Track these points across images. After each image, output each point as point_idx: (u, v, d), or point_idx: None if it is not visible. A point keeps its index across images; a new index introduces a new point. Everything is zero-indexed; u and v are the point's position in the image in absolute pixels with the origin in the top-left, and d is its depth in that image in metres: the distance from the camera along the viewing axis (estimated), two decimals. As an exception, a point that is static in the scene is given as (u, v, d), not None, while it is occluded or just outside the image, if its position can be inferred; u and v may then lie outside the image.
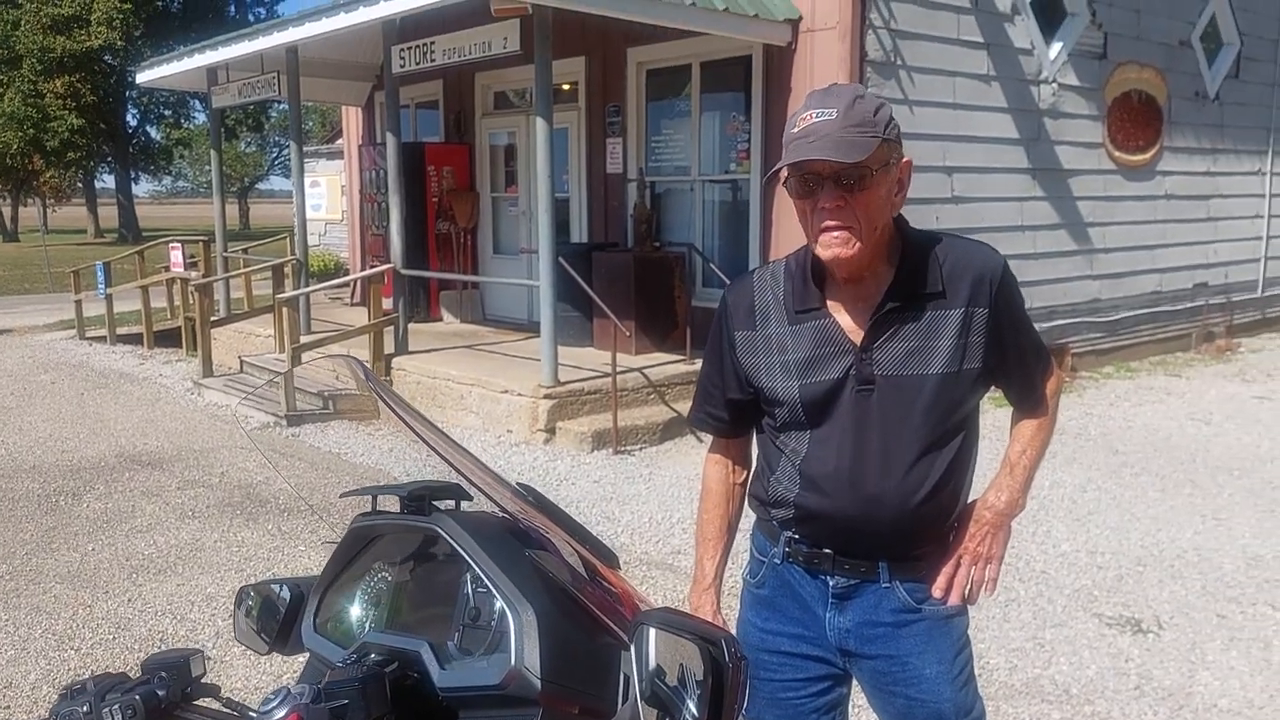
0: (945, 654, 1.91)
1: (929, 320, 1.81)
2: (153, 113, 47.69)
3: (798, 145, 1.72)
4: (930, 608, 1.90)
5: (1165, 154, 10.85)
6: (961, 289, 1.82)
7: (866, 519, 1.84)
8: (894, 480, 1.82)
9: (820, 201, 1.74)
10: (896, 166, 1.79)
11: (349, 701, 1.10)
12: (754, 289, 1.96)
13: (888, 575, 1.88)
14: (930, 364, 1.81)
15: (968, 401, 1.86)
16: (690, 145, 9.53)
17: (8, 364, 11.92)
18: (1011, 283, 1.88)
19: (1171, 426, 7.94)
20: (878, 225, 1.77)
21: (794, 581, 1.95)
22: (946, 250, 1.86)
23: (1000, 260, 1.87)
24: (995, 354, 1.86)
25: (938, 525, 1.90)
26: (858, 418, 1.83)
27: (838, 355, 1.84)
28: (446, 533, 1.28)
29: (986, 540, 1.93)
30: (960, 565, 1.92)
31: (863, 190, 1.72)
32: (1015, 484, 1.95)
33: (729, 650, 1.11)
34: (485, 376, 8.29)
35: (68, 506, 6.31)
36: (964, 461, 1.89)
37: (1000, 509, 1.94)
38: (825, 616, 1.92)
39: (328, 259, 18.91)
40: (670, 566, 5.07)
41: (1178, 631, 4.30)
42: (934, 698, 1.90)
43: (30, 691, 3.92)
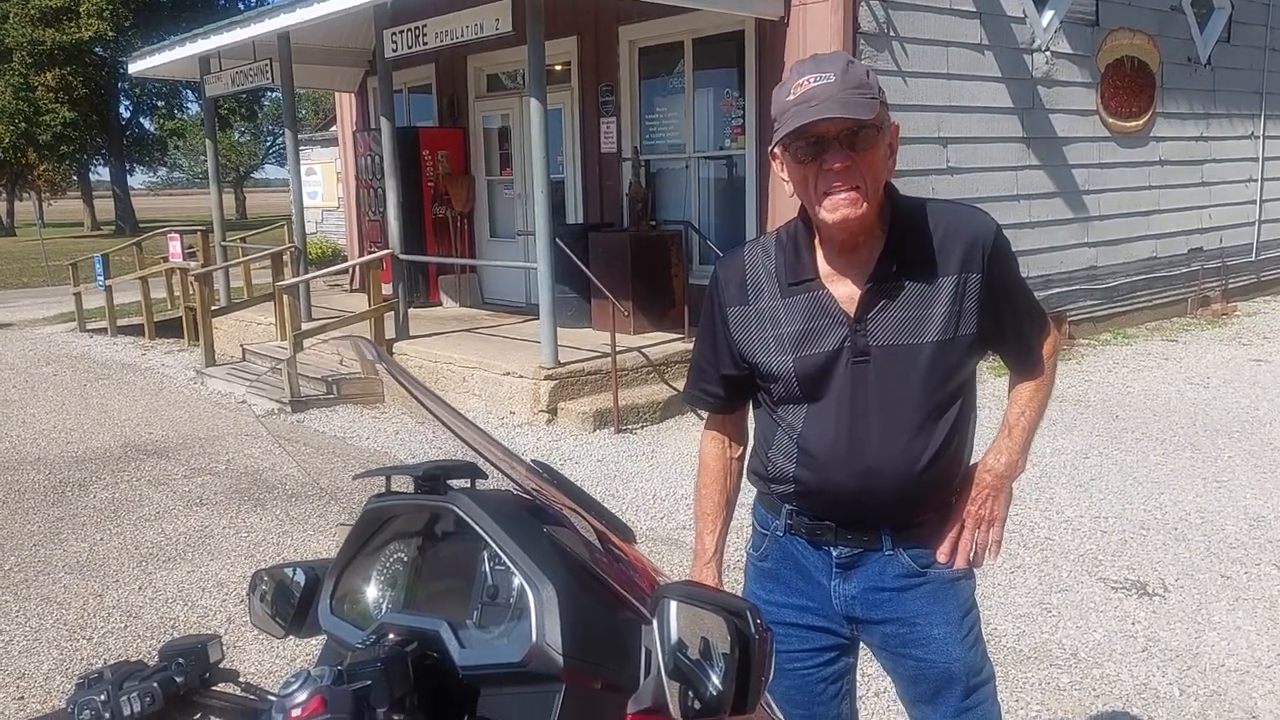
0: (952, 615, 1.92)
1: (922, 288, 1.81)
2: (145, 104, 47.43)
3: (800, 110, 1.70)
4: (935, 571, 1.91)
5: (1158, 120, 10.82)
6: (954, 255, 1.81)
7: (867, 491, 1.84)
8: (893, 451, 1.82)
9: (827, 163, 1.73)
10: (889, 130, 1.79)
11: (371, 682, 1.10)
12: (745, 263, 1.95)
13: (891, 543, 1.89)
14: (925, 332, 1.80)
15: (964, 368, 1.86)
16: (684, 123, 9.50)
17: (9, 357, 11.92)
18: (1005, 246, 1.87)
19: (1170, 391, 7.96)
20: (879, 186, 1.78)
21: (797, 553, 1.96)
22: (938, 217, 1.84)
23: (993, 225, 1.86)
24: (990, 319, 1.85)
25: (939, 493, 1.90)
26: (854, 390, 1.83)
27: (832, 327, 1.83)
28: (463, 511, 1.28)
29: (988, 503, 1.93)
30: (964, 529, 1.92)
31: (867, 150, 1.72)
32: (1014, 445, 1.96)
33: (754, 621, 1.12)
34: (486, 359, 8.30)
35: (75, 497, 6.33)
36: (963, 428, 1.89)
37: (1000, 471, 1.94)
38: (830, 585, 1.93)
39: (325, 246, 18.91)
40: (676, 542, 5.10)
41: (1183, 593, 4.34)
42: (943, 658, 1.91)
43: (44, 681, 3.95)
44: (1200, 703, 3.47)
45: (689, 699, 1.14)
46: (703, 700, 1.13)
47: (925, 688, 1.95)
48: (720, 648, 1.12)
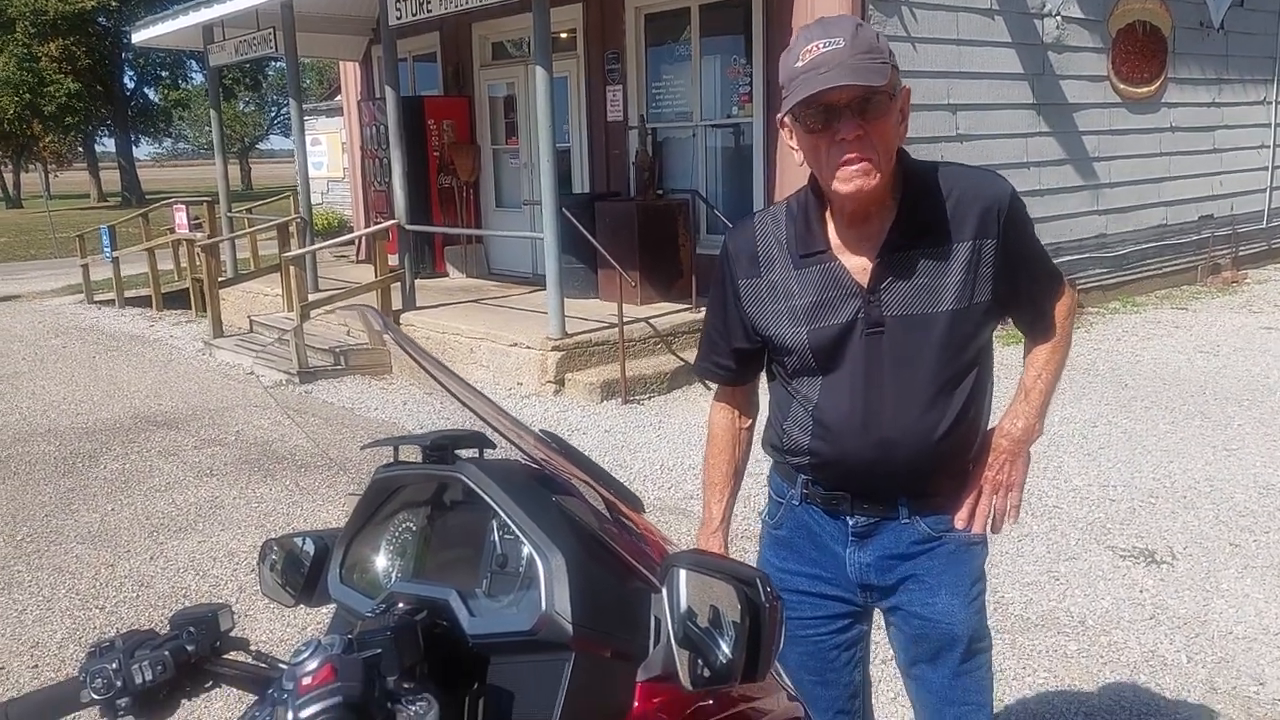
0: (962, 579, 1.92)
1: (936, 256, 1.77)
2: (149, 74, 47.32)
3: (809, 77, 1.65)
4: (950, 535, 1.91)
5: (1170, 86, 10.70)
6: (968, 221, 1.77)
7: (882, 462, 1.82)
8: (909, 421, 1.80)
9: (840, 133, 1.67)
10: (900, 96, 1.74)
11: (382, 651, 1.10)
12: (756, 234, 1.92)
13: (908, 512, 1.88)
14: (939, 301, 1.77)
15: (980, 335, 1.83)
16: (691, 90, 9.43)
17: (18, 329, 11.95)
18: (1020, 210, 1.83)
19: (1180, 359, 7.93)
20: (892, 154, 1.73)
21: (812, 522, 1.95)
22: (951, 182, 1.80)
23: (1007, 188, 1.82)
24: (1006, 284, 1.82)
25: (956, 461, 1.88)
26: (869, 361, 1.81)
27: (845, 298, 1.80)
28: (471, 480, 1.28)
29: (1006, 468, 1.91)
30: (981, 495, 1.91)
31: (878, 117, 1.68)
32: (1031, 409, 1.93)
33: (764, 589, 1.12)
34: (494, 330, 8.29)
35: (85, 468, 6.36)
36: (980, 395, 1.87)
37: (1017, 436, 1.92)
38: (845, 554, 1.92)
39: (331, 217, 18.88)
40: (684, 511, 5.11)
41: (1191, 561, 4.34)
42: (947, 619, 1.92)
43: (57, 650, 3.99)
44: (1208, 670, 3.48)
45: (699, 667, 1.14)
46: (712, 669, 1.13)
47: (927, 647, 1.95)
48: (730, 616, 1.12)
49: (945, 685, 1.96)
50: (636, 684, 1.23)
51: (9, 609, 4.37)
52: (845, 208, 1.79)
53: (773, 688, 1.48)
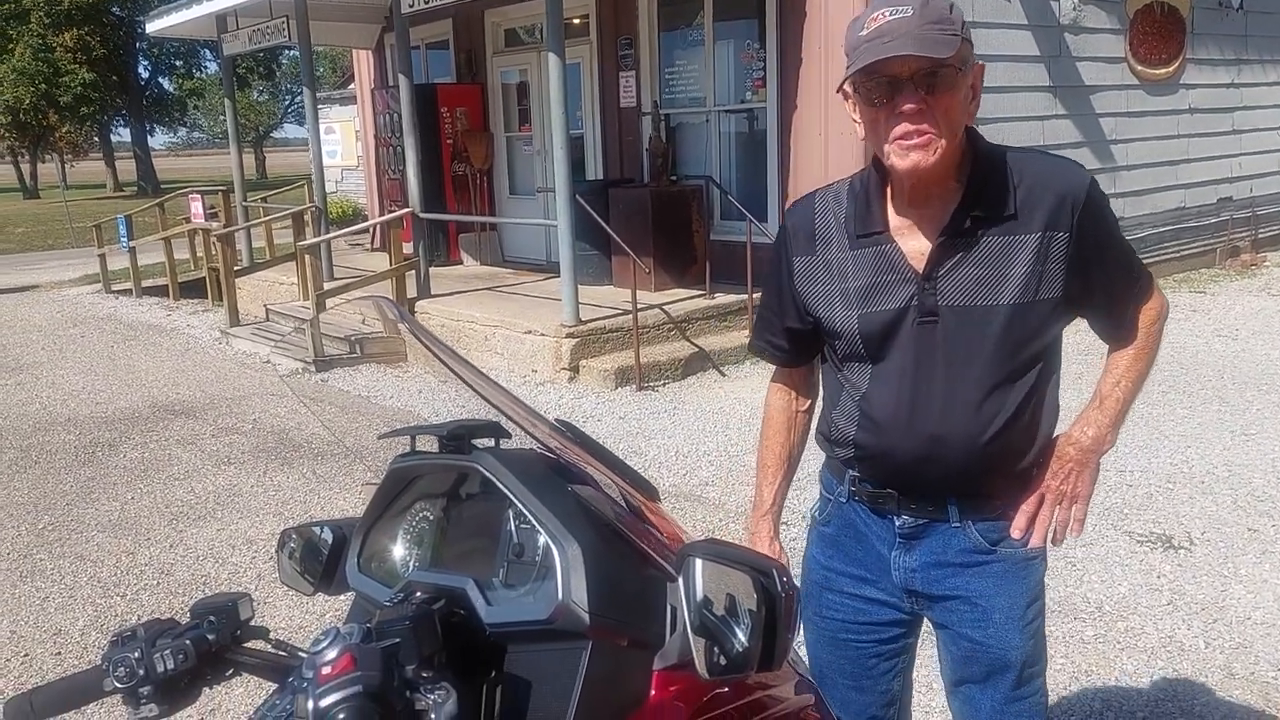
0: (1017, 599, 1.80)
1: (1001, 246, 1.66)
2: (164, 64, 47.42)
3: (871, 46, 1.57)
4: (1006, 549, 1.79)
5: (1188, 66, 10.60)
6: (1038, 211, 1.66)
7: (929, 459, 1.73)
8: (959, 418, 1.70)
9: (899, 105, 1.59)
10: (972, 71, 1.64)
11: (400, 640, 1.11)
12: (815, 211, 1.84)
13: (958, 515, 1.78)
14: (1001, 294, 1.66)
15: (1044, 333, 1.72)
16: (705, 76, 9.40)
17: (37, 319, 12.04)
18: (1098, 203, 1.70)
19: (1198, 343, 7.88)
20: (957, 132, 1.64)
21: (858, 521, 1.88)
22: (1023, 167, 1.69)
23: (1085, 178, 1.69)
24: (1078, 282, 1.70)
25: (1011, 464, 1.76)
26: (920, 352, 1.72)
27: (899, 284, 1.71)
28: (488, 470, 1.28)
29: (1071, 478, 1.79)
30: (1043, 505, 1.79)
31: (945, 92, 1.59)
32: (1104, 419, 1.80)
33: (780, 579, 1.11)
34: (508, 318, 8.31)
35: (105, 457, 6.41)
36: (1041, 395, 1.75)
37: (1085, 445, 1.79)
38: (891, 556, 1.83)
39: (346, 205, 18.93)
40: (699, 498, 5.11)
41: (1209, 547, 4.32)
42: (1000, 643, 1.80)
43: (79, 638, 4.03)
44: (1226, 655, 3.47)
45: (715, 656, 1.15)
46: (729, 657, 1.14)
47: (977, 670, 1.84)
48: (746, 605, 1.12)
49: (995, 711, 1.85)
50: (653, 672, 1.24)
51: (32, 597, 4.42)
52: (905, 185, 1.70)
53: (787, 675, 1.48)
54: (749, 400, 6.89)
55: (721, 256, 8.76)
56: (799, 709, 1.48)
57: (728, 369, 7.85)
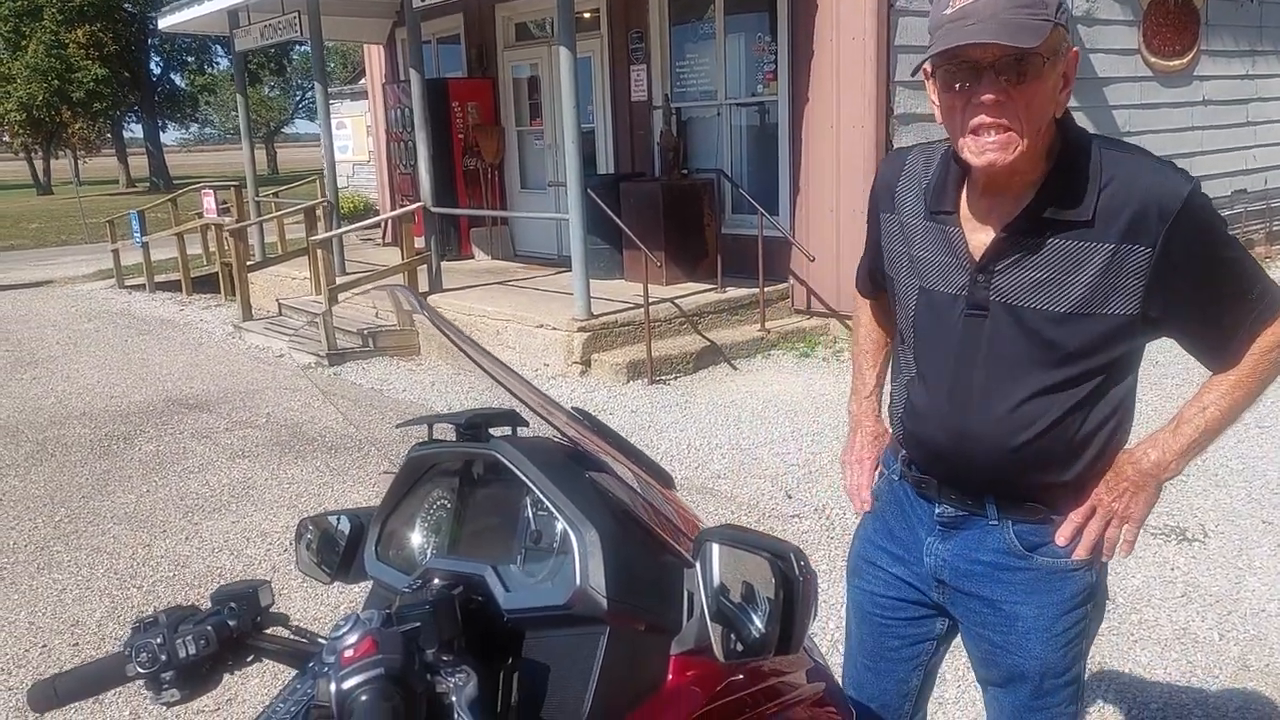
0: (1047, 610, 1.73)
1: (1069, 250, 1.54)
2: (176, 59, 47.60)
3: (951, 29, 1.47)
4: (1043, 558, 1.71)
5: (1202, 58, 10.55)
6: (1117, 219, 1.52)
7: (960, 455, 1.69)
8: (992, 420, 1.64)
9: (978, 94, 1.48)
10: (1065, 58, 1.52)
11: (420, 624, 1.12)
12: (902, 171, 1.78)
13: (996, 513, 1.72)
14: (1060, 300, 1.56)
15: (1110, 349, 1.59)
16: (716, 69, 9.38)
17: (51, 314, 12.11)
18: (1197, 219, 1.52)
19: (1213, 337, 7.83)
20: (1040, 126, 1.52)
21: (905, 501, 1.85)
22: (1114, 168, 1.55)
23: (1182, 190, 1.51)
24: (1160, 301, 1.55)
25: (1050, 473, 1.66)
26: (965, 343, 1.65)
27: (956, 269, 1.64)
28: (505, 458, 1.29)
29: (1124, 497, 1.67)
30: (1094, 518, 1.69)
31: (1030, 83, 1.47)
32: (1174, 444, 1.67)
33: (798, 564, 1.12)
34: (520, 312, 8.32)
35: (120, 450, 6.45)
36: (1096, 408, 1.64)
37: (1145, 468, 1.67)
38: (926, 541, 1.80)
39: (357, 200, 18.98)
40: (711, 491, 5.12)
41: (1223, 539, 4.31)
42: (1019, 650, 1.75)
43: (96, 629, 4.06)
44: (1240, 647, 3.46)
45: (731, 641, 1.15)
46: (745, 643, 1.14)
47: (997, 673, 1.82)
48: (763, 590, 1.13)
49: (1017, 713, 1.82)
50: (670, 657, 1.25)
51: (49, 588, 4.45)
52: (979, 177, 1.62)
53: (803, 662, 1.49)
54: (761, 394, 6.89)
55: (733, 250, 8.75)
56: (813, 695, 1.49)
57: (739, 362, 7.85)
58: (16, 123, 40.60)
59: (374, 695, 0.98)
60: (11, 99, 38.77)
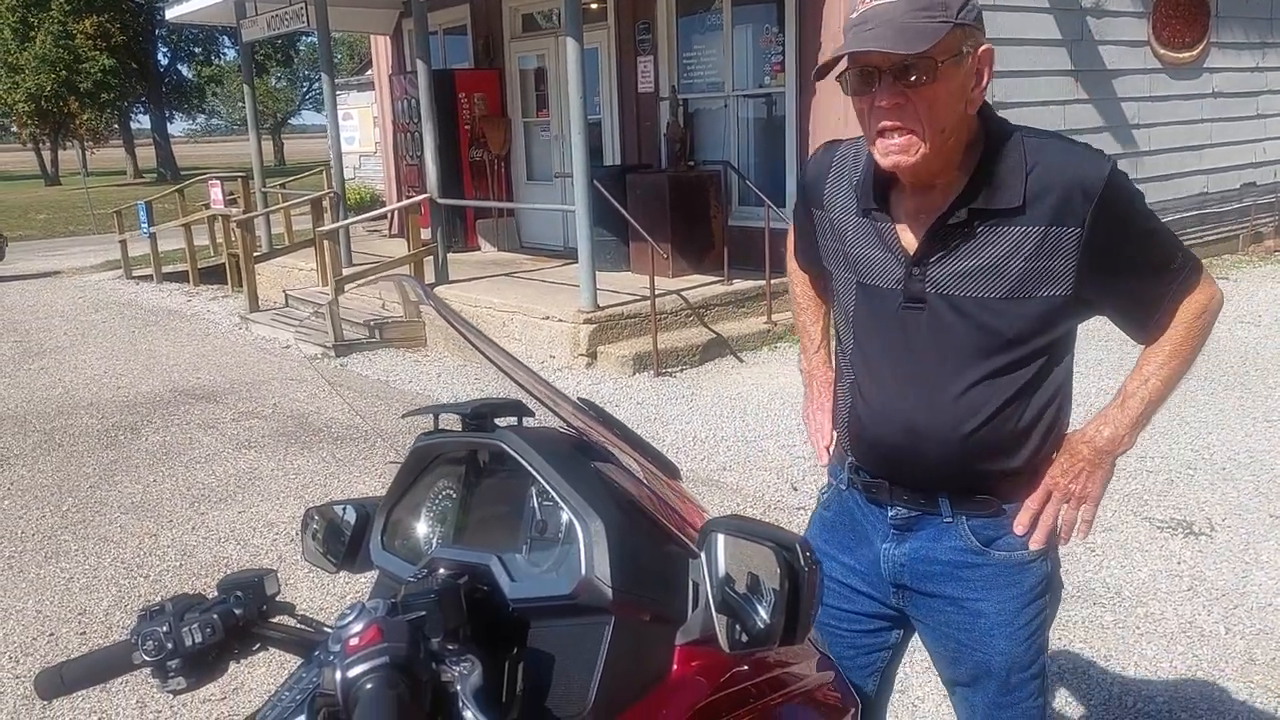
0: (1008, 604, 1.73)
1: (1000, 238, 1.58)
2: (183, 50, 47.64)
3: (853, 33, 1.50)
4: (1000, 552, 1.72)
5: (1212, 50, 10.49)
6: (1045, 203, 1.56)
7: (911, 450, 1.69)
8: (936, 412, 1.65)
9: (879, 99, 1.52)
10: (972, 55, 1.54)
11: (426, 613, 1.12)
12: (831, 166, 1.80)
13: (950, 509, 1.71)
14: (995, 287, 1.59)
15: (1046, 332, 1.63)
16: (723, 60, 9.36)
17: (59, 304, 12.14)
18: (1120, 194, 1.57)
19: (1220, 330, 7.69)
20: (945, 126, 1.54)
21: (855, 509, 1.84)
22: (1037, 155, 1.58)
23: (1103, 168, 1.56)
24: (1092, 280, 1.60)
25: (998, 461, 1.68)
26: (905, 338, 1.67)
27: (891, 264, 1.66)
28: (511, 448, 1.29)
29: (1081, 478, 1.70)
30: (1049, 502, 1.70)
31: (927, 86, 1.49)
32: (1124, 418, 1.71)
33: (804, 554, 1.12)
34: (526, 303, 8.32)
35: (127, 440, 6.47)
36: (1039, 393, 1.67)
37: (1100, 445, 1.70)
38: (882, 549, 1.79)
39: (364, 191, 18.95)
40: (717, 483, 5.12)
41: (1230, 533, 4.30)
42: (983, 647, 1.75)
43: (104, 618, 4.07)
44: (1246, 641, 3.46)
45: (736, 632, 1.15)
46: (750, 633, 1.14)
47: (964, 671, 1.81)
48: (768, 581, 1.13)
49: (988, 710, 1.82)
50: (675, 648, 1.25)
51: (57, 577, 4.47)
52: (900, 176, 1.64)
53: (809, 653, 1.49)
54: (767, 386, 6.88)
55: (740, 242, 8.74)
56: (819, 685, 1.49)
57: (745, 355, 7.84)
58: (25, 113, 40.69)
59: (379, 684, 0.98)
60: (19, 89, 38.83)
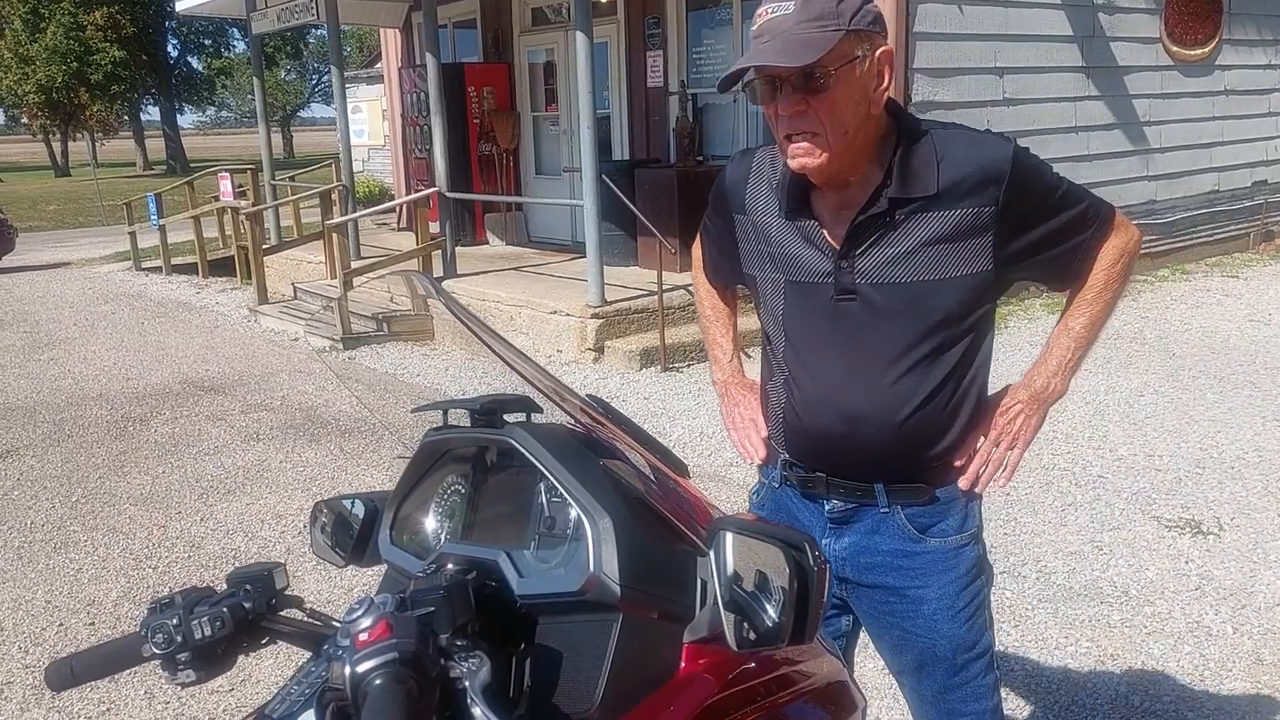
0: (948, 587, 1.79)
1: (920, 224, 1.64)
2: (193, 43, 47.78)
3: (752, 46, 1.58)
4: (935, 539, 1.78)
5: (1225, 47, 10.44)
6: (959, 188, 1.63)
7: (849, 437, 1.73)
8: (876, 397, 1.70)
9: (781, 107, 1.59)
10: (869, 59, 1.58)
11: (435, 609, 1.12)
12: (751, 172, 1.83)
13: (886, 499, 1.76)
14: (920, 271, 1.65)
15: (973, 310, 1.70)
16: (732, 55, 9.32)
17: (69, 295, 12.17)
18: (1026, 172, 1.65)
19: (1229, 328, 7.79)
20: (848, 129, 1.59)
21: (791, 507, 1.87)
22: (946, 145, 1.65)
23: (1006, 151, 1.64)
24: (1010, 253, 1.68)
25: (931, 444, 1.74)
26: (839, 329, 1.71)
27: (819, 259, 1.71)
28: (520, 444, 1.29)
29: (1018, 419, 1.77)
30: (984, 443, 1.78)
31: (824, 93, 1.55)
32: (1048, 367, 1.79)
33: (812, 553, 1.12)
34: (533, 298, 8.32)
35: (136, 432, 6.49)
36: (966, 371, 1.73)
37: (1035, 390, 1.79)
38: (821, 543, 1.79)
39: (372, 185, 18.96)
40: (723, 479, 5.12)
41: (1239, 532, 4.28)
42: (928, 633, 1.80)
43: (112, 608, 4.09)
44: (1254, 641, 3.45)
45: (744, 630, 1.15)
46: (758, 632, 1.14)
47: (909, 659, 1.85)
48: (776, 579, 1.13)
49: (936, 696, 1.86)
50: (683, 645, 1.25)
51: (66, 568, 4.49)
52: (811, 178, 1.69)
53: (817, 651, 1.49)
54: (774, 382, 6.86)
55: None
56: (827, 684, 1.49)
57: (752, 351, 7.79)
58: (35, 104, 40.81)
59: (388, 678, 0.98)
60: (30, 81, 38.96)
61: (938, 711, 1.87)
